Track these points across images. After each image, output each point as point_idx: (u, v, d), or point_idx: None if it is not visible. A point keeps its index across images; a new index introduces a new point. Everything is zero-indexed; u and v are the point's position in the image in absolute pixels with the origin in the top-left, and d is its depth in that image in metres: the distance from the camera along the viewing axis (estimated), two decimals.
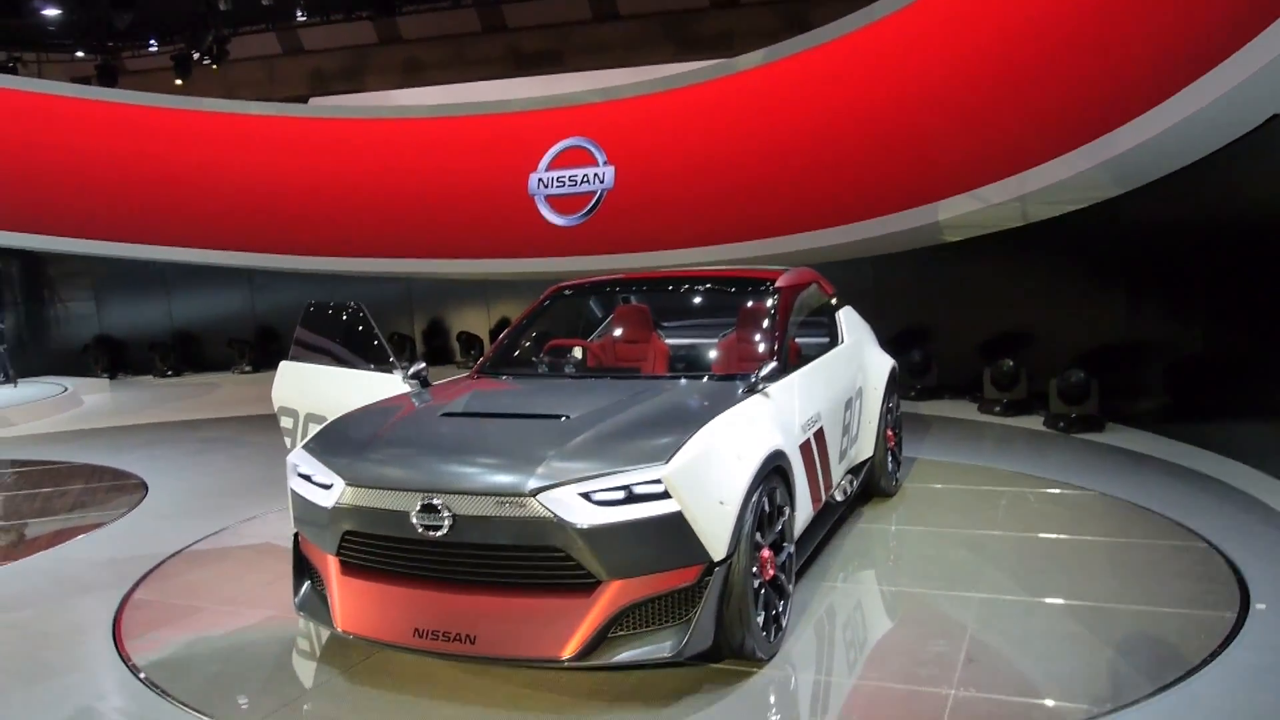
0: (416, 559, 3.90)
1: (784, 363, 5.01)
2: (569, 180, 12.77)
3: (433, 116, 13.92)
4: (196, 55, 19.87)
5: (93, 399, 13.52)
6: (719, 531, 3.78)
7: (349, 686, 4.05)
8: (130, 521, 6.88)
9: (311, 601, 4.29)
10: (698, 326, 6.59)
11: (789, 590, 4.38)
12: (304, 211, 14.16)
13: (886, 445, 6.55)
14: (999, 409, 9.56)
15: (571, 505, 3.66)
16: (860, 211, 10.50)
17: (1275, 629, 4.27)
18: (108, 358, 16.02)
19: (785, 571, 4.33)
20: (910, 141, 9.92)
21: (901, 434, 7.11)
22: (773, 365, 4.76)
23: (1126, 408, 8.76)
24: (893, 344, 10.78)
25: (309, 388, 5.36)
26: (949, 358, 10.76)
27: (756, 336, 5.43)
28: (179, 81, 20.34)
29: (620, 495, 3.68)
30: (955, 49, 9.40)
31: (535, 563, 3.74)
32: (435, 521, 3.75)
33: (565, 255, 12.79)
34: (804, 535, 4.93)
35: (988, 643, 4.27)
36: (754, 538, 3.98)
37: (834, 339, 6.25)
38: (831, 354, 5.96)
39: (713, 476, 3.85)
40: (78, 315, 16.46)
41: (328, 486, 4.09)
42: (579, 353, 6.08)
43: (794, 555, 4.53)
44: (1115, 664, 4.04)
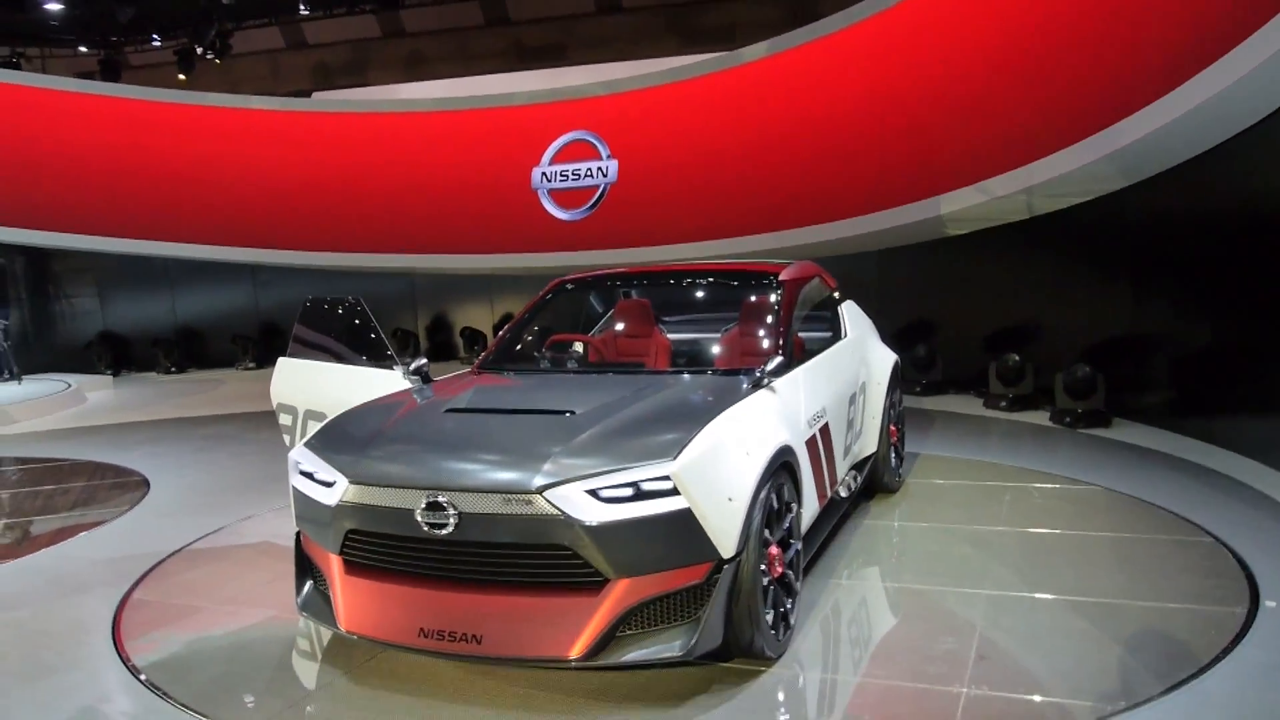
0: (421, 558, 3.85)
1: (789, 357, 4.97)
2: (572, 174, 12.72)
3: (435, 110, 13.88)
4: (199, 50, 19.84)
5: (96, 396, 13.50)
6: (728, 528, 3.73)
7: (352, 687, 4.01)
8: (131, 519, 6.85)
9: (314, 602, 4.23)
10: (699, 321, 6.56)
11: (797, 588, 4.34)
12: (307, 206, 14.13)
13: (890, 441, 6.51)
14: (1004, 404, 9.52)
15: (579, 502, 3.60)
16: (865, 205, 10.44)
17: None
18: (111, 354, 16.00)
19: (793, 569, 4.29)
20: (915, 134, 9.86)
21: (904, 429, 7.06)
22: (779, 360, 4.71)
23: (1133, 402, 8.70)
24: (898, 338, 10.80)
25: (308, 384, 5.31)
26: (954, 352, 10.71)
27: (761, 331, 5.38)
28: (182, 76, 20.31)
29: (628, 492, 3.63)
30: (960, 40, 9.34)
31: (542, 561, 3.69)
32: (440, 519, 3.70)
33: (569, 250, 12.74)
34: (809, 532, 4.88)
35: (997, 640, 4.23)
36: (763, 535, 3.93)
37: (837, 333, 6.21)
38: (835, 349, 5.92)
39: (721, 472, 3.80)
40: (82, 311, 16.44)
41: (330, 484, 4.03)
42: (580, 348, 6.04)
43: (801, 552, 4.49)
44: (1126, 661, 3.99)
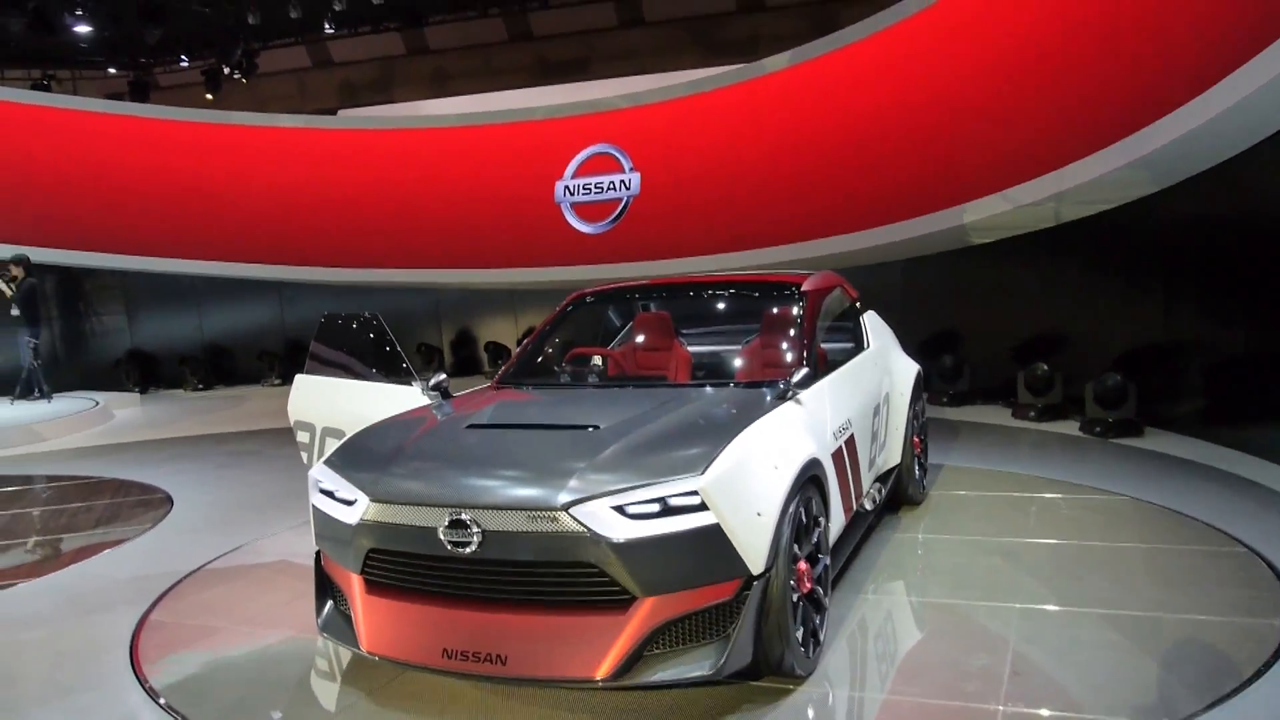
0: (444, 577, 3.77)
1: (815, 369, 4.89)
2: (595, 187, 12.72)
3: (459, 126, 13.92)
4: (227, 70, 20.03)
5: (123, 413, 13.56)
6: (757, 544, 3.65)
7: (374, 709, 3.94)
8: (154, 537, 6.84)
9: (335, 622, 4.16)
10: (720, 333, 6.49)
11: (826, 604, 4.26)
12: (332, 223, 14.21)
13: (913, 452, 6.41)
14: (1033, 414, 9.37)
15: (605, 519, 3.53)
16: (889, 214, 10.37)
17: None
18: (139, 372, 16.10)
19: (822, 584, 4.21)
20: (939, 142, 9.78)
21: (927, 440, 6.97)
22: (805, 371, 4.63)
23: (1165, 412, 8.54)
24: (924, 348, 10.72)
25: (325, 401, 5.28)
26: (982, 362, 10.57)
27: (784, 343, 5.30)
28: (209, 96, 20.51)
29: (655, 508, 3.55)
30: (982, 46, 9.26)
31: (567, 579, 3.61)
32: (464, 538, 3.63)
33: (592, 263, 12.75)
34: (836, 546, 4.80)
35: (1030, 655, 4.13)
36: (792, 550, 3.85)
37: (859, 344, 6.13)
38: (859, 359, 5.84)
39: (749, 487, 3.72)
40: (111, 330, 16.57)
41: (351, 503, 3.96)
42: (600, 361, 5.98)
43: (829, 567, 4.40)
44: (1164, 676, 3.89)
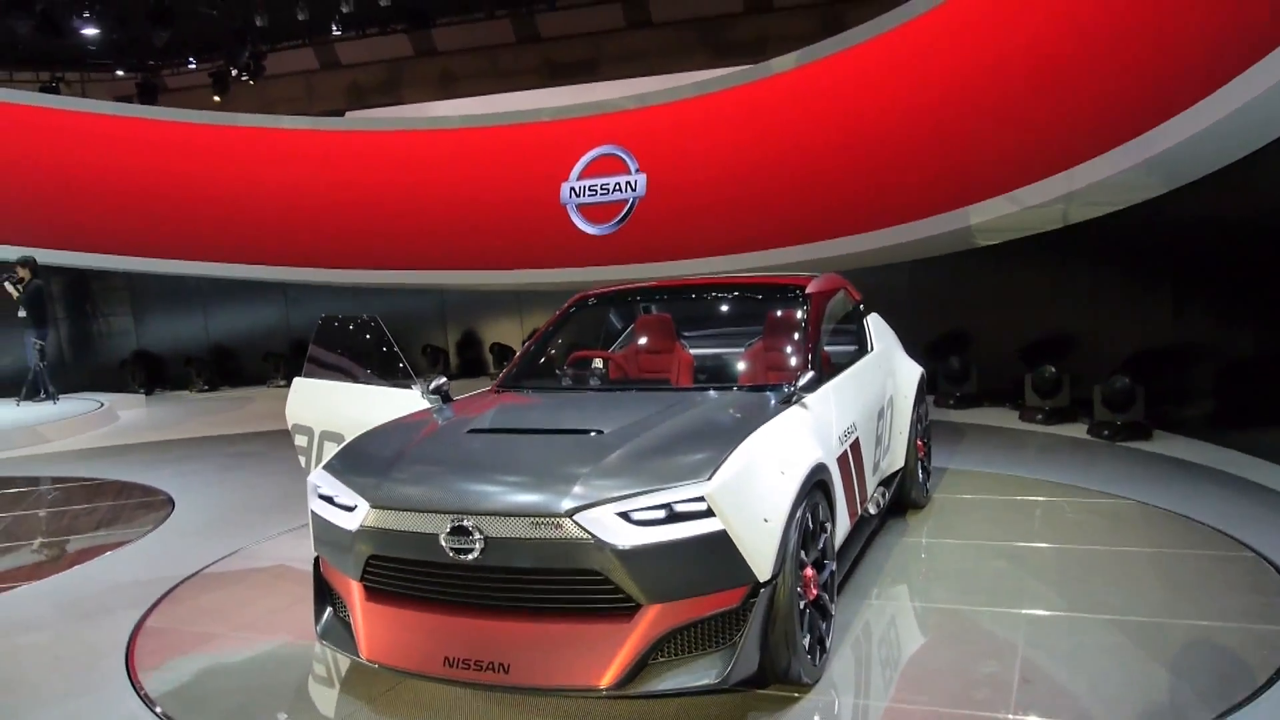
0: (446, 584, 3.71)
1: (820, 372, 4.82)
2: (601, 189, 12.69)
3: (464, 127, 13.91)
4: (234, 72, 20.04)
5: (128, 414, 13.55)
6: (764, 550, 3.59)
7: (374, 718, 3.89)
8: (154, 540, 6.81)
9: (335, 629, 4.09)
10: (722, 335, 6.43)
11: (832, 610, 4.20)
12: (337, 224, 14.20)
13: (917, 455, 6.36)
14: (1041, 417, 9.30)
15: (610, 525, 3.47)
16: (896, 215, 10.32)
17: None
18: (145, 373, 16.10)
19: (828, 590, 4.16)
20: (946, 143, 9.72)
21: (931, 443, 6.92)
22: (811, 375, 4.56)
23: (1174, 414, 8.46)
24: (931, 350, 10.65)
25: (324, 405, 5.23)
26: (989, 364, 10.50)
27: (788, 346, 5.23)
28: (217, 98, 20.54)
29: (661, 514, 3.50)
30: (990, 47, 9.21)
31: (571, 587, 3.55)
32: (466, 544, 3.57)
33: (598, 265, 12.72)
34: (841, 550, 4.73)
35: (1039, 662, 4.07)
36: (799, 556, 3.80)
37: (863, 347, 6.08)
38: (863, 362, 5.78)
39: (756, 493, 3.67)
40: (116, 331, 16.58)
41: (351, 508, 3.91)
42: (602, 364, 5.93)
43: (835, 573, 4.35)
44: (1176, 684, 3.83)
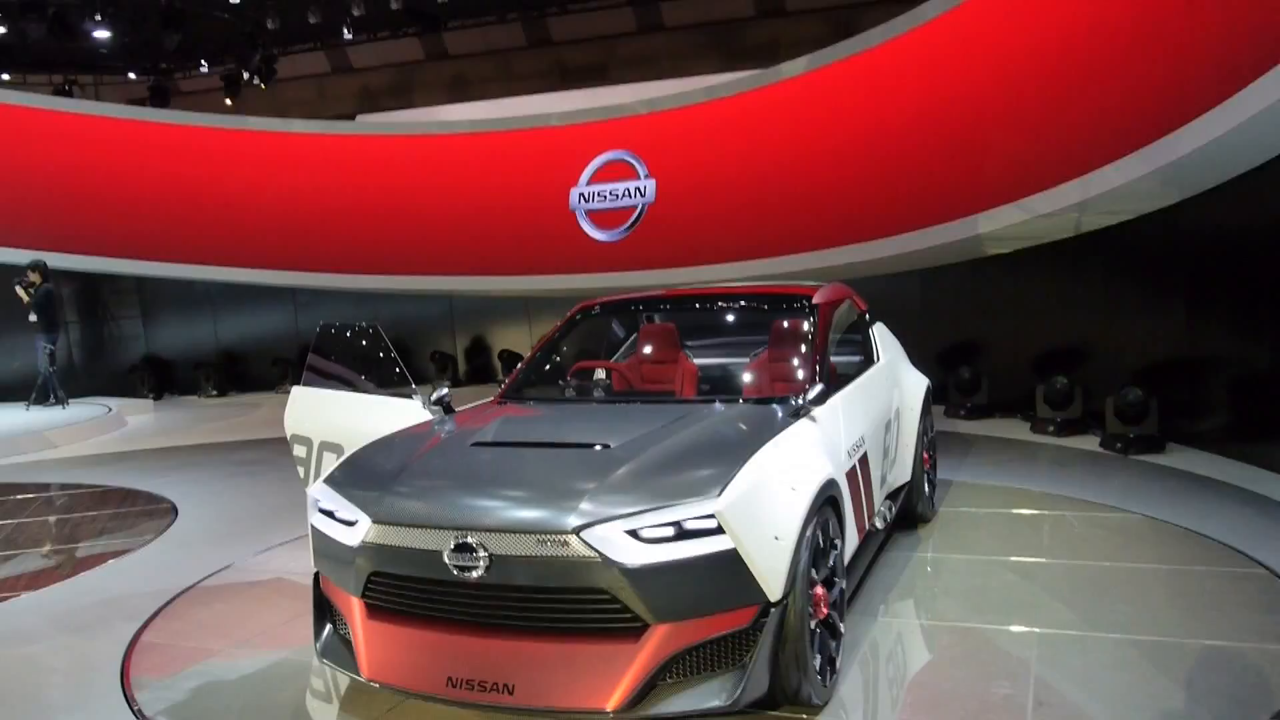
0: (449, 602, 3.64)
1: (828, 385, 4.74)
2: (610, 195, 12.62)
3: (473, 132, 13.85)
4: (246, 75, 20.07)
5: (136, 420, 13.54)
6: (775, 569, 3.52)
7: None
8: (155, 549, 6.76)
9: (335, 647, 4.02)
10: (726, 346, 6.35)
11: (841, 629, 4.12)
12: (346, 229, 14.16)
13: (923, 468, 6.27)
14: (1052, 429, 9.18)
15: (618, 543, 3.40)
16: (907, 223, 10.22)
17: None
18: (154, 378, 16.10)
19: (838, 609, 4.07)
20: (958, 149, 9.62)
21: (936, 456, 6.84)
22: (820, 388, 4.48)
23: (1188, 427, 8.34)
24: (941, 360, 10.55)
25: (323, 415, 5.16)
26: (1000, 374, 10.38)
27: (795, 358, 5.15)
28: (229, 102, 20.58)
29: (670, 532, 3.42)
30: (1002, 53, 9.12)
31: (578, 606, 3.48)
32: (470, 562, 3.49)
33: (607, 271, 12.65)
34: (849, 566, 4.65)
35: (1053, 683, 3.98)
36: (809, 575, 3.72)
37: (869, 358, 5.99)
38: (870, 373, 5.69)
39: (767, 510, 3.59)
40: (126, 336, 16.59)
41: (352, 523, 3.83)
42: (605, 375, 5.86)
43: (845, 591, 4.27)
44: (1192, 708, 3.74)
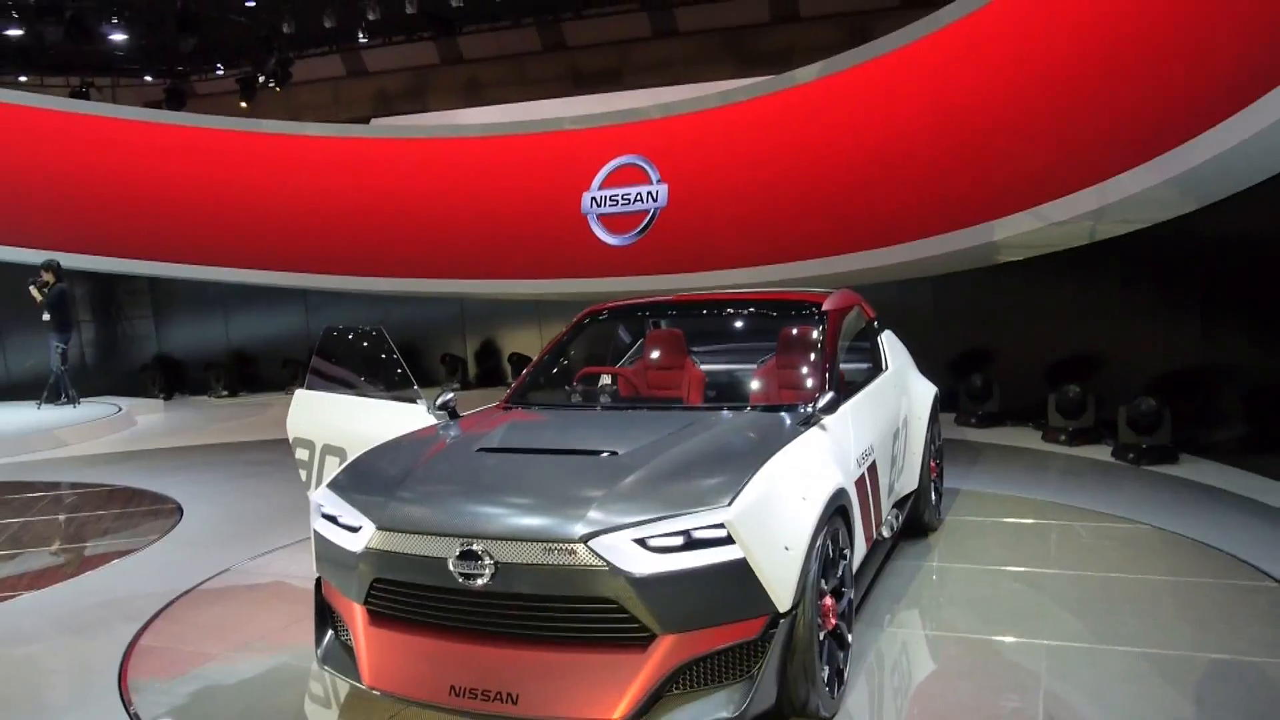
0: (454, 610, 3.58)
1: (838, 393, 4.68)
2: (622, 199, 12.58)
3: (486, 136, 13.84)
4: (261, 78, 20.14)
5: (146, 419, 13.56)
6: (785, 579, 3.47)
7: None
8: (159, 550, 6.74)
9: (336, 654, 3.97)
10: (733, 353, 6.30)
11: (849, 640, 4.07)
12: (358, 232, 14.18)
13: (930, 476, 6.21)
14: (1064, 438, 9.09)
15: (626, 552, 3.35)
16: (920, 229, 10.15)
17: None
18: (165, 378, 16.14)
19: (846, 619, 4.02)
20: (971, 156, 9.56)
21: (943, 464, 6.78)
22: (831, 396, 4.43)
23: (1202, 438, 8.25)
24: (953, 367, 10.49)
25: (326, 418, 5.14)
26: (1012, 382, 10.30)
27: (805, 365, 5.09)
28: (244, 104, 20.65)
29: (679, 541, 3.38)
30: (1017, 59, 9.05)
31: (584, 615, 3.43)
32: (475, 570, 3.45)
33: (618, 275, 12.61)
34: (856, 576, 4.60)
35: (1064, 696, 3.93)
36: (819, 585, 3.67)
37: (877, 365, 5.93)
38: (879, 381, 5.64)
39: (777, 519, 3.55)
40: (138, 335, 16.64)
41: (355, 529, 3.78)
42: (611, 381, 5.81)
43: (853, 601, 4.22)
44: None
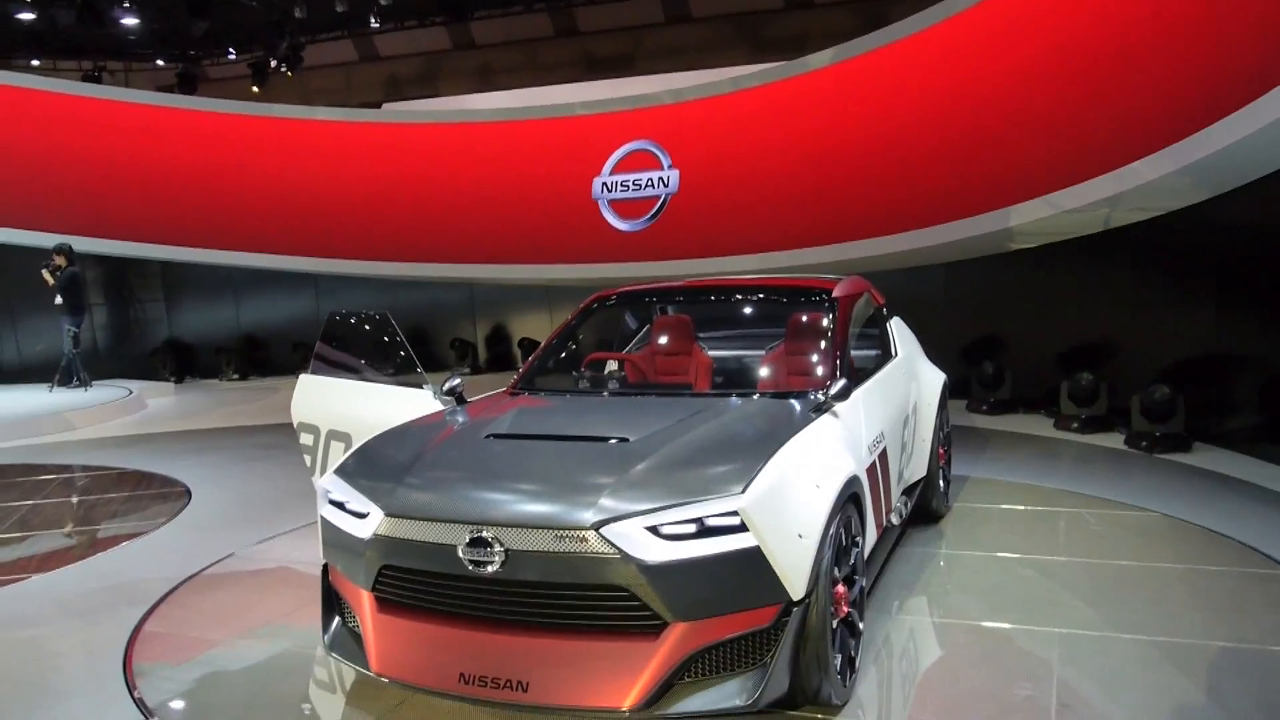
0: (463, 597, 3.56)
1: (850, 380, 4.65)
2: (633, 184, 12.54)
3: (497, 121, 13.80)
4: (273, 63, 20.10)
5: (156, 403, 13.59)
6: (798, 567, 3.44)
7: None
8: (166, 533, 6.74)
9: (344, 640, 3.95)
10: (740, 338, 6.26)
11: (861, 628, 4.04)
12: (369, 216, 14.16)
13: (939, 463, 6.18)
14: (1076, 426, 9.04)
15: (638, 540, 3.32)
16: (932, 216, 10.07)
17: None
18: (175, 361, 16.18)
19: (857, 607, 4.00)
20: (984, 143, 9.48)
21: (951, 451, 6.74)
22: (843, 383, 4.40)
23: (1216, 427, 8.19)
24: (965, 354, 10.44)
25: (331, 403, 5.10)
26: (1024, 370, 10.24)
27: (815, 352, 5.06)
28: (256, 89, 20.61)
29: (692, 529, 3.35)
30: (1031, 46, 8.96)
31: (595, 603, 3.40)
32: (485, 557, 3.42)
33: (628, 261, 12.56)
34: (866, 563, 4.58)
35: (1076, 685, 3.90)
36: (832, 573, 3.64)
37: (887, 352, 5.89)
38: (889, 368, 5.60)
39: (791, 507, 3.51)
40: (149, 319, 16.69)
41: (363, 515, 3.76)
42: (618, 367, 5.78)
43: (864, 588, 4.19)
44: (1222, 712, 3.66)
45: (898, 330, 6.13)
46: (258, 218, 14.66)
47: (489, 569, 3.43)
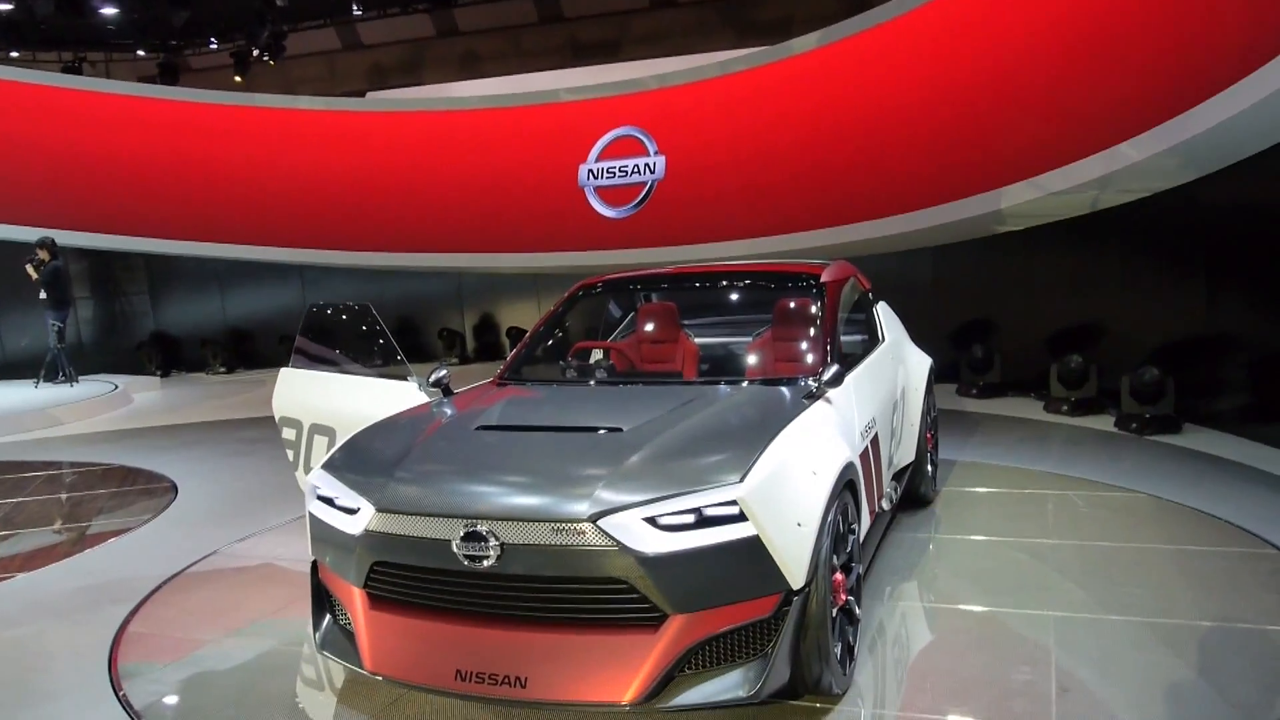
0: (458, 593, 3.50)
1: (841, 365, 4.60)
2: (619, 171, 12.49)
3: (482, 108, 13.72)
4: (255, 52, 19.93)
5: (142, 397, 13.50)
6: (798, 556, 3.40)
7: None
8: (151, 530, 6.67)
9: (335, 639, 3.87)
10: (726, 325, 6.22)
11: (859, 615, 4.01)
12: (354, 206, 14.08)
13: (927, 448, 6.16)
14: (1066, 408, 9.03)
15: (636, 531, 3.27)
16: (920, 199, 10.06)
17: None
18: (162, 355, 16.09)
19: (855, 595, 3.97)
20: (971, 126, 9.45)
21: (938, 435, 6.73)
22: (835, 369, 4.34)
23: (1206, 408, 8.19)
24: (954, 338, 10.41)
25: (313, 397, 5.03)
26: (1013, 353, 10.23)
27: (805, 339, 5.02)
28: (238, 79, 20.44)
29: (690, 519, 3.30)
30: (1016, 28, 8.93)
31: (594, 596, 3.35)
32: (480, 551, 3.36)
33: (615, 248, 12.54)
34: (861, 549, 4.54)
35: (1075, 669, 3.88)
36: (831, 561, 3.61)
37: (874, 337, 5.85)
38: (877, 353, 5.56)
39: (789, 495, 3.48)
40: (134, 313, 16.58)
41: (353, 511, 3.69)
42: (604, 355, 5.73)
43: (861, 575, 4.16)
44: (1218, 693, 3.66)
45: (884, 315, 6.10)
46: (242, 209, 14.58)
47: (484, 563, 3.38)
